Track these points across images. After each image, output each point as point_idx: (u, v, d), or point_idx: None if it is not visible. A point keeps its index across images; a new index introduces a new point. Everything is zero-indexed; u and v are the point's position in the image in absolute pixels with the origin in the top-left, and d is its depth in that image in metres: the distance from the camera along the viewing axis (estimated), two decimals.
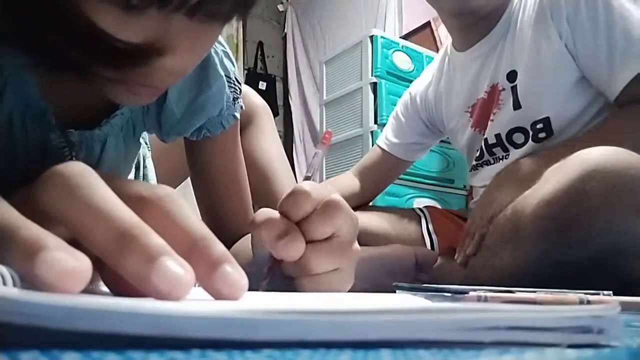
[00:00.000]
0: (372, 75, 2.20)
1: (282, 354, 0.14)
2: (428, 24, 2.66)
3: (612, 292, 0.46)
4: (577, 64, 0.90)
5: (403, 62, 2.25)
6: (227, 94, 0.58)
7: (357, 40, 2.33)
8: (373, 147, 1.29)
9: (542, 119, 0.94)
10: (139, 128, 0.57)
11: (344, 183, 1.20)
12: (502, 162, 1.02)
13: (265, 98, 0.89)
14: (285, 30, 3.74)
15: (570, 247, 0.67)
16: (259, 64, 3.71)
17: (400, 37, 2.62)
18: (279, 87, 3.76)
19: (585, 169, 0.66)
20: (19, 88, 0.45)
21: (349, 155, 2.29)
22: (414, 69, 2.22)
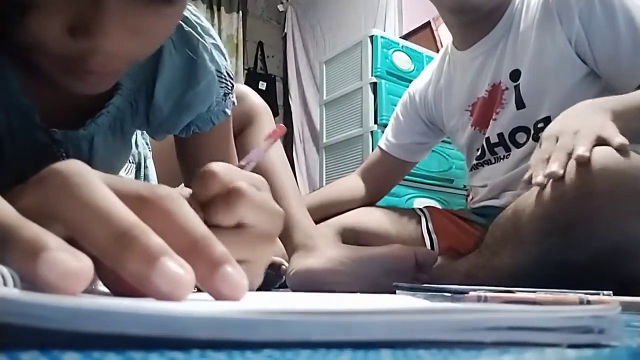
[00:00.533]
0: (372, 75, 2.20)
1: (282, 354, 0.14)
2: (428, 24, 2.66)
3: (612, 292, 0.46)
4: (584, 62, 0.89)
5: (403, 62, 2.25)
6: (217, 90, 0.57)
7: (357, 40, 2.33)
8: (374, 147, 1.29)
9: (543, 118, 0.94)
10: (127, 126, 0.56)
11: (349, 185, 1.19)
12: (503, 161, 1.02)
13: (265, 98, 0.88)
14: (285, 30, 3.74)
15: (571, 247, 0.67)
16: (259, 64, 3.71)
17: (400, 37, 2.62)
18: (279, 87, 3.76)
19: (589, 170, 0.65)
20: (2, 85, 0.45)
21: (349, 156, 2.29)
22: (414, 69, 2.22)
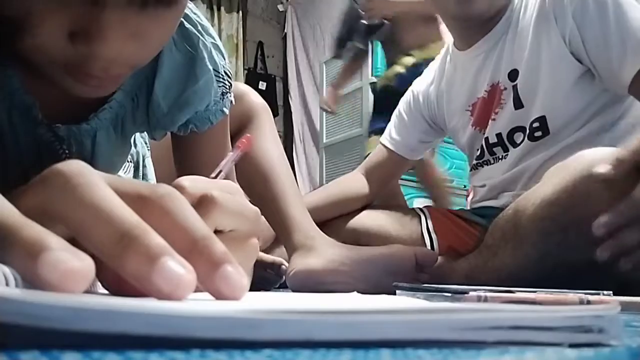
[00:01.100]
0: (372, 75, 2.20)
1: (282, 354, 0.14)
2: None
3: (612, 292, 0.46)
4: (580, 61, 0.89)
5: None
6: (215, 89, 0.57)
7: None
8: (377, 145, 1.29)
9: (538, 118, 0.94)
10: (128, 124, 0.56)
11: (353, 183, 1.19)
12: (501, 161, 1.02)
13: (265, 98, 0.88)
14: (285, 30, 3.74)
15: (571, 248, 0.67)
16: (259, 64, 3.71)
17: None
18: (279, 87, 3.76)
19: (588, 170, 0.65)
20: (2, 82, 0.45)
21: (349, 156, 2.30)
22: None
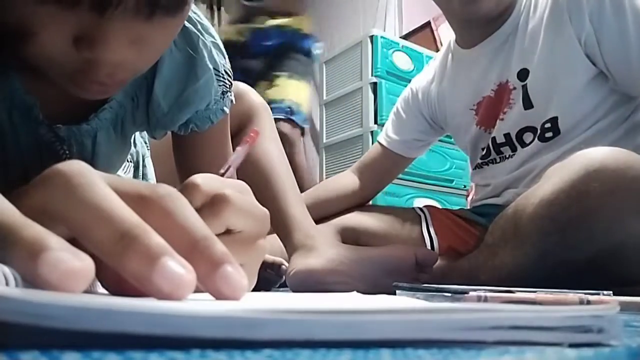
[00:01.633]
0: (372, 75, 2.20)
1: (282, 354, 0.14)
2: (428, 24, 2.66)
3: (612, 292, 0.46)
4: (593, 63, 0.89)
5: (403, 62, 2.25)
6: (215, 88, 0.57)
7: (357, 40, 2.33)
8: (374, 144, 1.28)
9: (550, 119, 0.94)
10: (128, 123, 0.56)
11: (344, 181, 1.19)
12: (508, 160, 1.02)
13: None
14: None
15: (571, 247, 0.67)
16: None
17: (400, 37, 2.62)
18: None
19: (587, 169, 0.66)
20: (3, 83, 0.45)
21: (349, 155, 2.29)
22: (414, 69, 2.22)
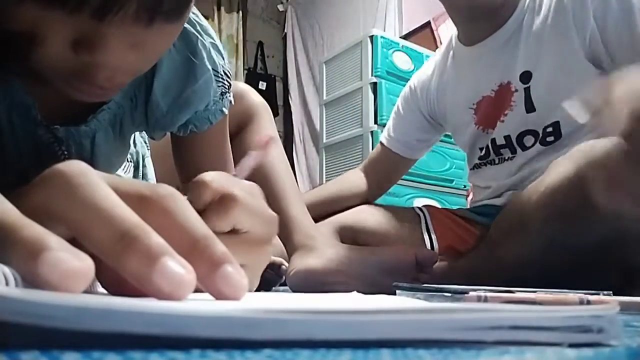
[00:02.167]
0: (372, 75, 2.20)
1: (282, 354, 0.14)
2: (428, 24, 2.66)
3: (612, 292, 0.46)
4: (597, 66, 0.87)
5: (403, 62, 2.25)
6: (214, 89, 0.57)
7: (357, 40, 2.33)
8: (377, 144, 1.28)
9: (552, 123, 0.92)
10: (127, 124, 0.57)
11: (351, 181, 1.18)
12: (507, 162, 1.01)
13: (265, 98, 0.88)
14: (285, 30, 3.74)
15: (575, 234, 0.67)
16: (259, 64, 3.71)
17: (400, 37, 2.62)
18: (279, 87, 3.76)
19: (591, 158, 0.66)
20: (2, 84, 0.46)
21: (349, 156, 2.30)
22: (414, 69, 2.22)
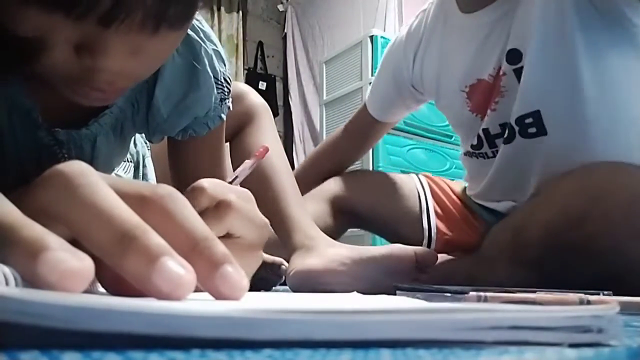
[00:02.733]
0: (372, 75, 2.20)
1: (282, 354, 0.14)
2: None
3: (612, 292, 0.46)
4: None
5: None
6: (215, 95, 0.58)
7: (357, 40, 2.33)
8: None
9: (531, 113, 0.83)
10: (128, 128, 0.57)
11: (330, 137, 1.17)
12: (497, 157, 0.91)
13: (265, 98, 0.88)
14: (285, 30, 3.74)
15: (569, 271, 0.66)
16: (259, 64, 3.71)
17: None
18: (279, 87, 3.76)
19: (583, 192, 0.65)
20: (4, 86, 0.46)
21: None
22: None
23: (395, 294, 0.48)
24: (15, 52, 0.35)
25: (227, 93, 0.60)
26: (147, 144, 0.87)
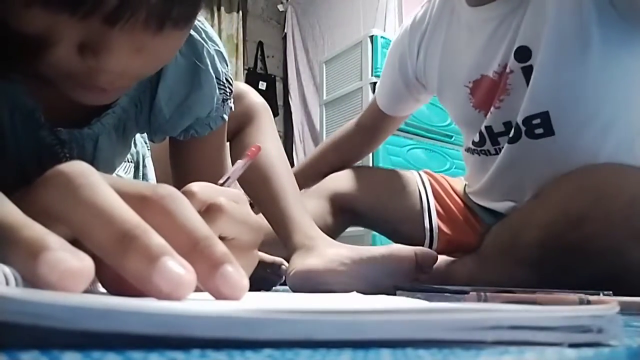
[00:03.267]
0: (372, 75, 2.20)
1: (282, 354, 0.14)
2: None
3: (612, 292, 0.46)
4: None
5: None
6: (217, 96, 0.58)
7: (357, 40, 2.33)
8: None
9: (539, 114, 0.81)
10: (130, 127, 0.57)
11: (341, 130, 1.16)
12: (501, 155, 0.89)
13: (265, 98, 0.88)
14: (285, 30, 3.74)
15: (569, 273, 0.66)
16: (259, 64, 3.71)
17: None
18: (279, 87, 3.76)
19: (582, 193, 0.65)
20: (6, 86, 0.46)
21: None
22: None
23: (395, 294, 0.48)
24: (18, 49, 0.35)
25: (229, 93, 0.60)
26: (147, 144, 0.87)
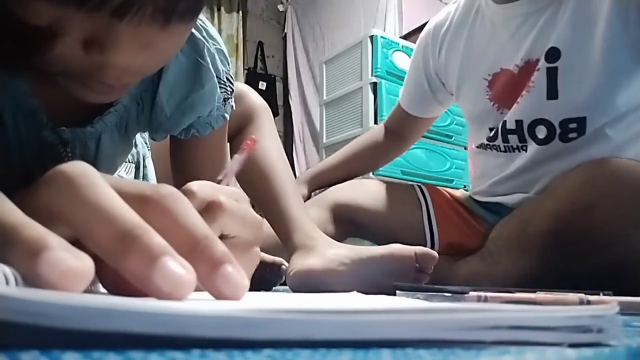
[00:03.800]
0: (372, 75, 2.20)
1: (282, 354, 0.15)
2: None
3: (612, 292, 0.46)
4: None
5: (403, 62, 2.25)
6: (218, 95, 0.58)
7: (357, 40, 2.33)
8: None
9: (576, 118, 0.81)
10: (132, 126, 0.57)
11: (370, 133, 1.16)
12: (515, 153, 0.91)
13: (265, 98, 0.88)
14: (285, 30, 3.74)
15: (575, 261, 0.67)
16: (259, 64, 3.71)
17: (400, 37, 2.62)
18: (279, 87, 3.76)
19: (592, 183, 0.65)
20: (8, 86, 0.46)
21: None
22: None
23: (395, 294, 0.48)
24: (22, 43, 0.35)
25: (230, 93, 0.60)
26: (147, 144, 0.87)
